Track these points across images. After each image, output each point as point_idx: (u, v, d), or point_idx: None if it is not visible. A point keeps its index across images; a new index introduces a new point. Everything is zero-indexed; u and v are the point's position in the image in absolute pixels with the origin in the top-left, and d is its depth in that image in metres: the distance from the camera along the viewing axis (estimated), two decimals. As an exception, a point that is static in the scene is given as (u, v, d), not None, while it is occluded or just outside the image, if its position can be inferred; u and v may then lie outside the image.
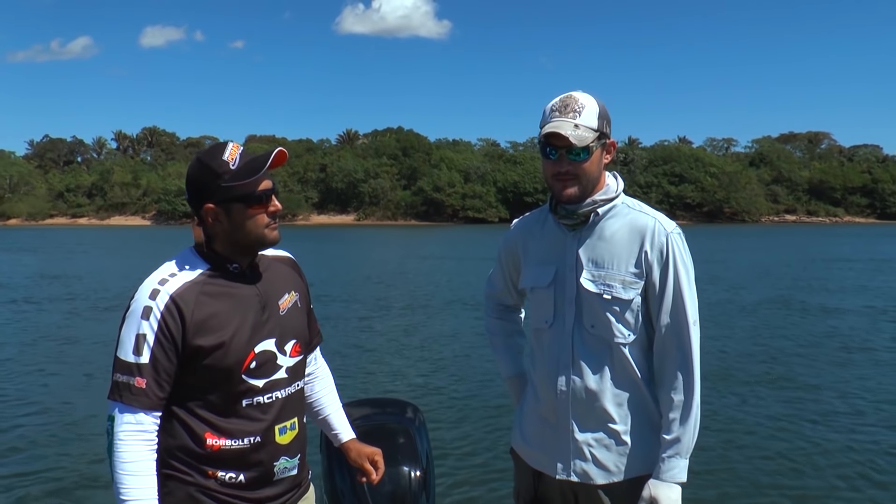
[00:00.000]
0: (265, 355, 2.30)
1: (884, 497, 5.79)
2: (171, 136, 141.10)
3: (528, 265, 2.69)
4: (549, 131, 2.38)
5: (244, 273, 2.32)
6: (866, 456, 6.69)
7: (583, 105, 2.43)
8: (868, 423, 7.75)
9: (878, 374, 10.17)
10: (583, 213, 2.50)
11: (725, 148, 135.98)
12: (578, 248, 2.53)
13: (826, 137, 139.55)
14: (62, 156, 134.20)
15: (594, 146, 2.43)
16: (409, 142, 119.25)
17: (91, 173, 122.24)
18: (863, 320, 15.12)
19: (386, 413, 3.16)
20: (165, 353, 2.16)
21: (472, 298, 18.75)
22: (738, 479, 6.09)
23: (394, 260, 34.69)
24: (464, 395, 9.05)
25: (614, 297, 2.45)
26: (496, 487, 5.87)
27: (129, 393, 2.14)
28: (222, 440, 2.25)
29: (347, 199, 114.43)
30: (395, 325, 14.91)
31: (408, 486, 2.77)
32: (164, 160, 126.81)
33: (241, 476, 2.28)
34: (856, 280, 23.70)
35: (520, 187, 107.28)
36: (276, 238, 2.32)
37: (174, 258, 2.32)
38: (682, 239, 2.50)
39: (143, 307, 2.17)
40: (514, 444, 2.80)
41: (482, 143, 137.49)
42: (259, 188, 2.24)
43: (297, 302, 2.47)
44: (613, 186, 2.55)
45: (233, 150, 2.24)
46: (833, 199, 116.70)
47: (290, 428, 2.38)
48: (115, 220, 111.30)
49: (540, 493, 2.66)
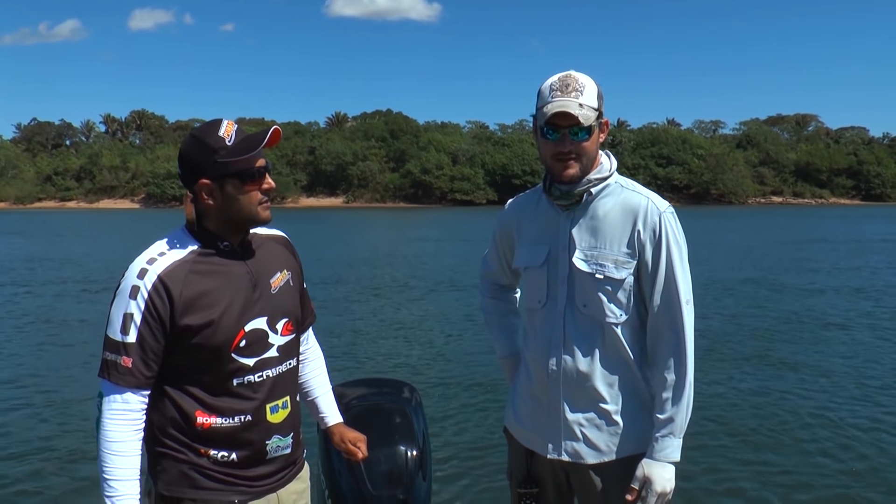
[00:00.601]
0: (256, 334, 2.30)
1: (862, 466, 5.97)
2: (160, 119, 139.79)
3: (521, 245, 2.69)
4: (558, 111, 2.36)
5: (235, 251, 2.32)
6: (843, 428, 6.89)
7: (583, 84, 2.41)
8: (845, 396, 7.98)
9: (856, 350, 10.42)
10: (577, 193, 2.49)
11: (713, 130, 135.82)
12: (571, 228, 2.52)
13: (813, 120, 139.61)
14: (50, 139, 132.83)
15: (595, 125, 2.43)
16: (397, 124, 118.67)
17: (80, 157, 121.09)
18: (839, 299, 15.40)
19: (382, 393, 3.16)
20: (153, 333, 2.17)
21: (461, 280, 18.88)
22: (719, 455, 6.23)
23: (383, 242, 34.60)
24: (457, 375, 9.12)
25: (606, 277, 2.45)
26: (491, 466, 5.93)
27: (116, 371, 2.16)
28: (213, 418, 2.25)
29: (336, 182, 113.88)
30: (386, 306, 14.97)
31: (404, 465, 2.77)
32: (152, 143, 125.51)
33: (233, 455, 2.29)
34: (836, 261, 23.98)
35: (508, 170, 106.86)
36: (267, 217, 2.31)
37: (165, 237, 2.31)
38: (675, 218, 2.49)
39: (131, 286, 2.18)
40: (506, 423, 2.80)
41: (471, 125, 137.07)
42: (255, 165, 2.25)
43: (289, 281, 2.46)
44: (607, 165, 2.54)
45: (228, 127, 2.24)
46: (819, 181, 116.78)
47: (281, 406, 2.38)
48: (104, 203, 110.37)
49: (532, 472, 2.67)
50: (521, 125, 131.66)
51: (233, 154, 2.21)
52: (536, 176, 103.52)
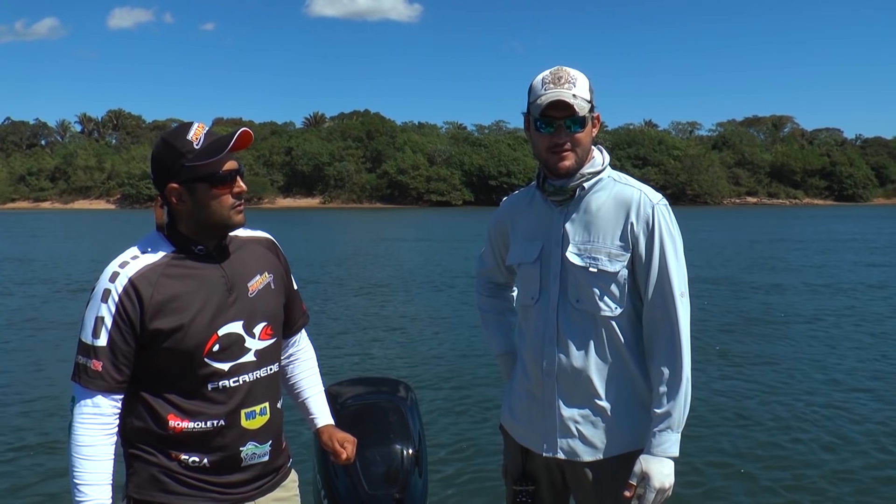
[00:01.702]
0: (230, 338, 2.26)
1: (829, 458, 6.12)
2: (136, 118, 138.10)
3: (515, 242, 2.67)
4: (554, 99, 2.36)
5: (210, 255, 2.28)
6: (810, 419, 7.12)
7: (574, 77, 2.42)
8: (805, 389, 8.26)
9: (812, 344, 10.82)
10: (570, 189, 2.48)
11: (689, 131, 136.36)
12: (565, 223, 2.51)
13: (789, 121, 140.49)
14: (25, 139, 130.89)
15: (588, 118, 2.43)
16: (373, 125, 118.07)
17: (54, 157, 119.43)
18: (804, 296, 15.82)
19: (378, 392, 3.14)
20: (123, 336, 2.14)
21: (445, 279, 19.04)
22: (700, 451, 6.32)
23: (362, 242, 34.44)
24: (451, 372, 9.17)
25: (600, 270, 2.43)
26: (487, 463, 5.94)
27: (87, 375, 2.14)
28: (185, 422, 2.22)
29: (313, 183, 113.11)
30: (373, 306, 15.00)
31: (400, 464, 2.76)
32: (129, 143, 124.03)
33: (205, 459, 2.26)
34: (803, 259, 24.49)
35: (484, 171, 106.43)
36: (240, 221, 2.27)
37: (139, 241, 2.29)
38: (668, 210, 2.48)
39: (103, 290, 2.16)
40: (502, 421, 2.78)
41: (448, 126, 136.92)
42: (223, 168, 2.20)
43: (270, 283, 2.41)
44: (599, 160, 2.54)
45: (197, 130, 2.21)
46: (793, 182, 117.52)
47: (259, 413, 2.33)
48: (79, 203, 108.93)
49: (528, 469, 2.65)
50: (499, 126, 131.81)
51: (201, 157, 2.18)
52: (513, 177, 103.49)
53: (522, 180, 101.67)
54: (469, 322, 12.55)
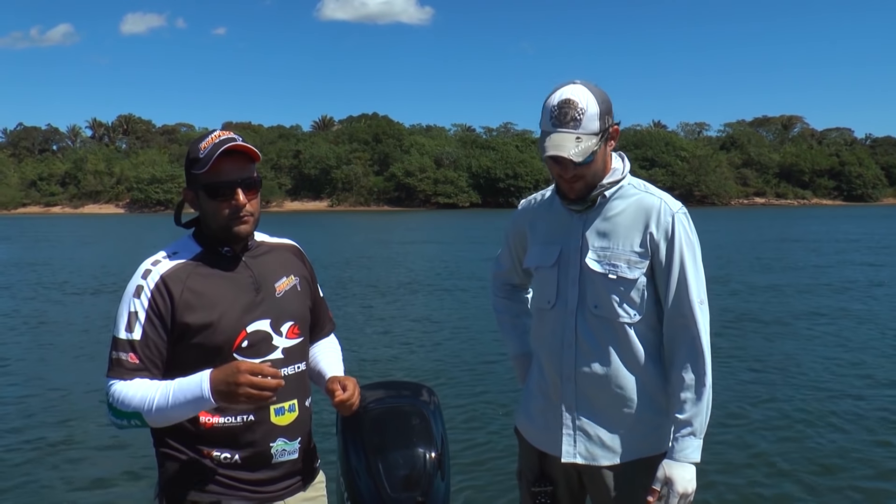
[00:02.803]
0: (258, 335, 2.30)
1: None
2: (146, 123, 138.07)
3: (534, 244, 2.67)
4: (551, 154, 2.32)
5: (237, 256, 2.34)
6: (804, 416, 7.19)
7: (583, 110, 2.32)
8: (807, 388, 8.25)
9: (812, 341, 10.92)
10: (590, 198, 2.47)
11: (698, 132, 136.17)
12: (585, 230, 2.50)
13: (799, 121, 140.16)
14: (37, 144, 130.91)
15: (598, 148, 2.37)
16: (380, 127, 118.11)
17: (65, 162, 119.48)
18: (809, 296, 15.87)
19: (401, 396, 3.07)
20: (156, 330, 2.20)
21: (455, 281, 19.10)
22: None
23: (372, 245, 34.47)
24: (469, 375, 9.21)
25: (619, 277, 2.43)
26: (510, 467, 5.84)
27: (123, 368, 2.19)
28: (215, 418, 2.25)
29: (320, 186, 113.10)
30: (387, 309, 15.03)
31: (423, 468, 2.70)
32: (138, 148, 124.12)
33: (236, 456, 2.28)
34: (799, 259, 24.63)
35: (492, 173, 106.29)
36: (242, 231, 2.28)
37: (171, 243, 2.36)
38: (687, 219, 2.48)
39: (135, 287, 2.23)
40: (517, 424, 2.80)
41: (457, 128, 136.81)
42: (220, 179, 2.24)
43: (296, 286, 2.46)
44: (620, 168, 2.52)
45: (211, 138, 2.25)
46: (801, 182, 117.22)
47: (288, 409, 2.36)
48: (89, 208, 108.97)
49: (545, 473, 2.66)
50: (507, 128, 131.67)
51: (200, 167, 2.24)
52: (520, 179, 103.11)
53: (530, 182, 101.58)
54: (488, 325, 12.53)
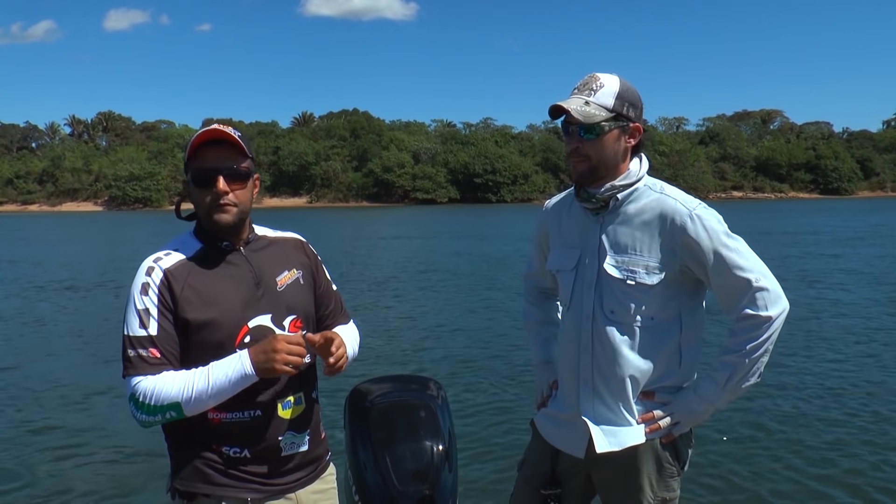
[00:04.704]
0: (260, 330, 2.31)
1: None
2: (126, 120, 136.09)
3: (554, 247, 2.69)
4: (555, 105, 2.37)
5: (237, 250, 2.36)
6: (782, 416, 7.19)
7: (601, 84, 2.39)
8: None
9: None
10: (602, 198, 2.46)
11: (676, 126, 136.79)
12: (601, 233, 2.50)
13: (779, 115, 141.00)
14: (15, 142, 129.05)
15: (606, 126, 2.39)
16: (359, 123, 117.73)
17: (42, 159, 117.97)
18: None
19: (408, 389, 3.12)
20: (170, 324, 2.23)
21: (434, 274, 19.09)
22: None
23: (354, 240, 34.43)
24: (479, 369, 9.28)
25: (638, 283, 2.42)
26: (516, 459, 5.97)
27: (147, 364, 2.19)
28: (223, 414, 2.26)
29: (299, 182, 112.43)
30: (382, 303, 15.09)
31: (430, 461, 2.75)
32: (118, 145, 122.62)
33: (245, 450, 2.31)
34: (783, 251, 24.81)
35: (470, 168, 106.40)
36: (221, 220, 2.28)
37: (171, 240, 2.38)
38: (706, 211, 2.42)
39: (141, 284, 2.25)
40: (536, 420, 2.82)
41: (437, 123, 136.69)
42: (202, 166, 2.26)
43: (298, 279, 2.46)
44: (636, 170, 2.50)
45: (204, 130, 2.28)
46: (778, 176, 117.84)
47: (294, 403, 2.37)
48: (67, 206, 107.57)
49: (557, 470, 2.69)
50: (486, 123, 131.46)
51: (187, 156, 2.29)
52: (498, 174, 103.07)
53: (507, 178, 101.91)
54: (495, 318, 12.71)
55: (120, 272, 20.71)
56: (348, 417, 2.98)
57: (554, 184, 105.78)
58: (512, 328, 11.86)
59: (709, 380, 2.45)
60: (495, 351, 10.25)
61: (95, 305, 15.51)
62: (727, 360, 2.41)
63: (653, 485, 2.54)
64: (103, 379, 8.84)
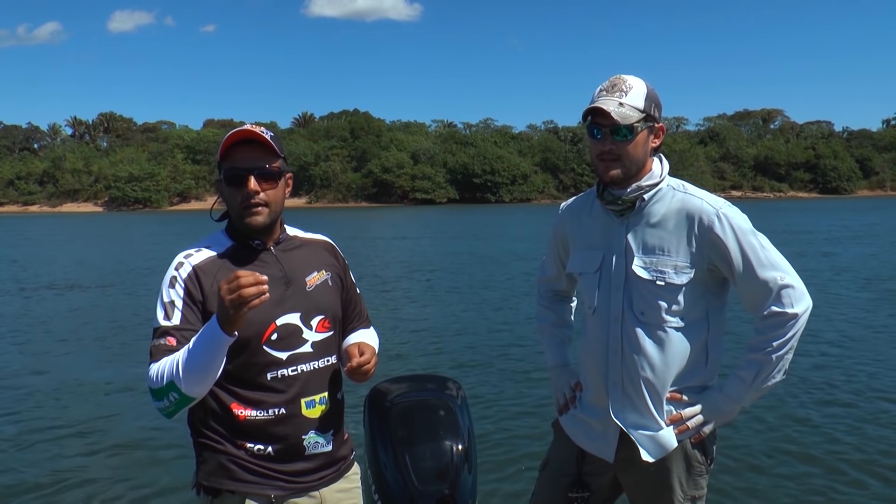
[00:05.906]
0: (288, 328, 2.34)
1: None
2: (127, 121, 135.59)
3: (575, 250, 2.68)
4: (593, 107, 2.38)
5: (268, 250, 2.39)
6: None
7: (630, 86, 2.42)
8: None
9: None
10: (628, 199, 2.47)
11: (676, 126, 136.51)
12: (627, 234, 2.50)
13: (779, 115, 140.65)
14: (17, 143, 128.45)
15: (639, 127, 2.41)
16: (358, 123, 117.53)
17: (43, 160, 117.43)
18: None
19: (427, 389, 3.14)
20: (194, 315, 2.26)
21: (435, 274, 19.12)
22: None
23: (357, 240, 34.37)
24: (497, 368, 9.28)
25: (668, 284, 2.42)
26: (536, 460, 5.91)
27: (160, 352, 2.22)
28: (248, 411, 2.31)
29: (298, 183, 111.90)
30: (388, 305, 14.99)
31: (450, 461, 2.76)
32: (119, 146, 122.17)
33: (269, 448, 2.33)
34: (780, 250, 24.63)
35: (469, 169, 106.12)
36: (252, 222, 2.31)
37: (204, 238, 2.43)
38: (732, 210, 2.45)
39: (170, 278, 2.30)
40: (562, 421, 2.81)
41: (437, 124, 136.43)
42: (234, 166, 2.28)
43: (327, 280, 2.49)
44: (658, 171, 2.52)
45: (237, 130, 2.30)
46: (778, 175, 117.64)
47: (319, 402, 2.39)
48: (67, 207, 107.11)
49: (584, 471, 2.69)
50: (486, 123, 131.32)
51: (219, 157, 2.32)
52: (497, 175, 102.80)
53: (507, 178, 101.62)
54: (499, 319, 12.74)
55: (119, 272, 20.69)
56: (368, 416, 2.99)
57: (553, 184, 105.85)
58: (518, 327, 11.90)
59: (735, 378, 2.47)
60: (504, 351, 10.26)
61: (100, 304, 15.55)
62: (753, 358, 2.43)
63: (683, 484, 2.56)
64: (126, 376, 8.96)
